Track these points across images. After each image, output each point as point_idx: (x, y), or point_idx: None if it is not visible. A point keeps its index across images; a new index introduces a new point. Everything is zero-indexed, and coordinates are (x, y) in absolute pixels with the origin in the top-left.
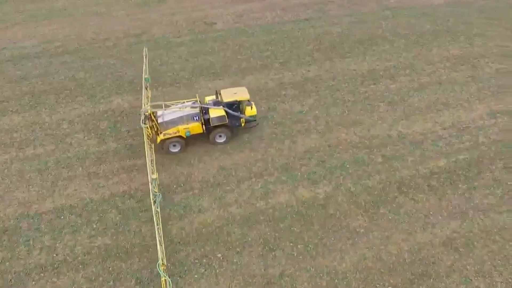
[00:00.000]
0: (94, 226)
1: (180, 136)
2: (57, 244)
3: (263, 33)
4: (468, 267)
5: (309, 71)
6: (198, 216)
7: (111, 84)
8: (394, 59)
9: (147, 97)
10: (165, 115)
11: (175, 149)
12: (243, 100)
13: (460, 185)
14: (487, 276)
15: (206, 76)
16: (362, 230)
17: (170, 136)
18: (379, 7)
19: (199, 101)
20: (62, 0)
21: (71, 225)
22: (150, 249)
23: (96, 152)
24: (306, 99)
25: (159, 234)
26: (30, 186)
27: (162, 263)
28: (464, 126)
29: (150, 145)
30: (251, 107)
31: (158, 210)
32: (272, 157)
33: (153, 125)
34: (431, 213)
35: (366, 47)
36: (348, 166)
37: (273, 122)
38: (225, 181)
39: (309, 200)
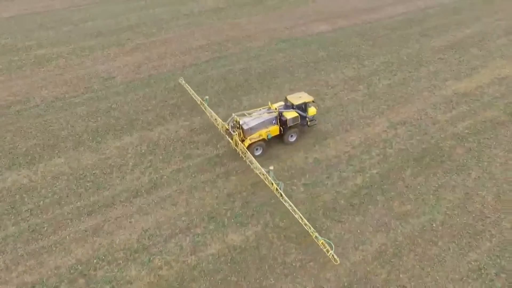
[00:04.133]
0: None
1: (263, 139)
2: None
3: (165, 81)
4: (401, 275)
5: (218, 112)
6: None
7: (2, 159)
8: (296, 88)
9: (213, 114)
10: (248, 122)
11: (258, 152)
12: (308, 102)
13: (378, 198)
14: (418, 279)
15: (112, 134)
16: (298, 263)
17: (255, 140)
18: (272, 40)
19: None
20: None
21: None
22: None
23: None
24: (220, 141)
25: (296, 212)
26: None
27: (312, 231)
28: (371, 141)
29: (240, 149)
30: (315, 107)
31: (283, 194)
32: (195, 208)
33: (239, 132)
34: (358, 231)
35: (269, 80)
36: (273, 201)
37: (191, 171)
38: (150, 243)
39: (241, 244)
